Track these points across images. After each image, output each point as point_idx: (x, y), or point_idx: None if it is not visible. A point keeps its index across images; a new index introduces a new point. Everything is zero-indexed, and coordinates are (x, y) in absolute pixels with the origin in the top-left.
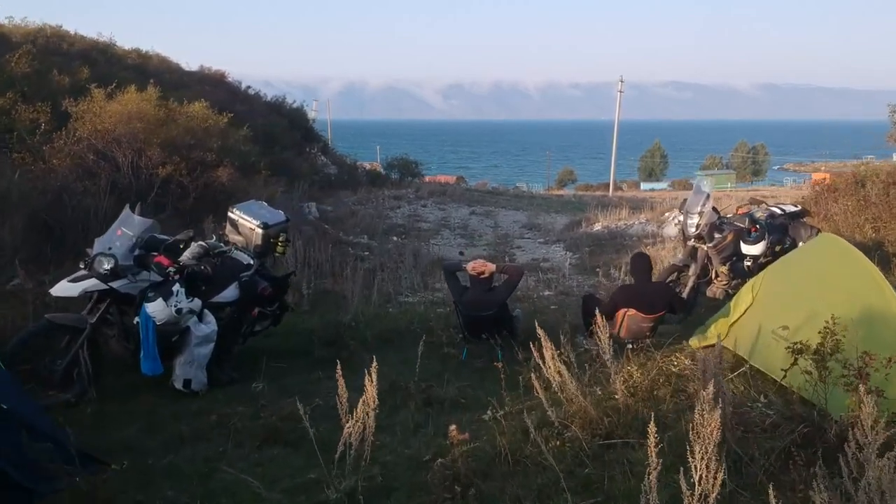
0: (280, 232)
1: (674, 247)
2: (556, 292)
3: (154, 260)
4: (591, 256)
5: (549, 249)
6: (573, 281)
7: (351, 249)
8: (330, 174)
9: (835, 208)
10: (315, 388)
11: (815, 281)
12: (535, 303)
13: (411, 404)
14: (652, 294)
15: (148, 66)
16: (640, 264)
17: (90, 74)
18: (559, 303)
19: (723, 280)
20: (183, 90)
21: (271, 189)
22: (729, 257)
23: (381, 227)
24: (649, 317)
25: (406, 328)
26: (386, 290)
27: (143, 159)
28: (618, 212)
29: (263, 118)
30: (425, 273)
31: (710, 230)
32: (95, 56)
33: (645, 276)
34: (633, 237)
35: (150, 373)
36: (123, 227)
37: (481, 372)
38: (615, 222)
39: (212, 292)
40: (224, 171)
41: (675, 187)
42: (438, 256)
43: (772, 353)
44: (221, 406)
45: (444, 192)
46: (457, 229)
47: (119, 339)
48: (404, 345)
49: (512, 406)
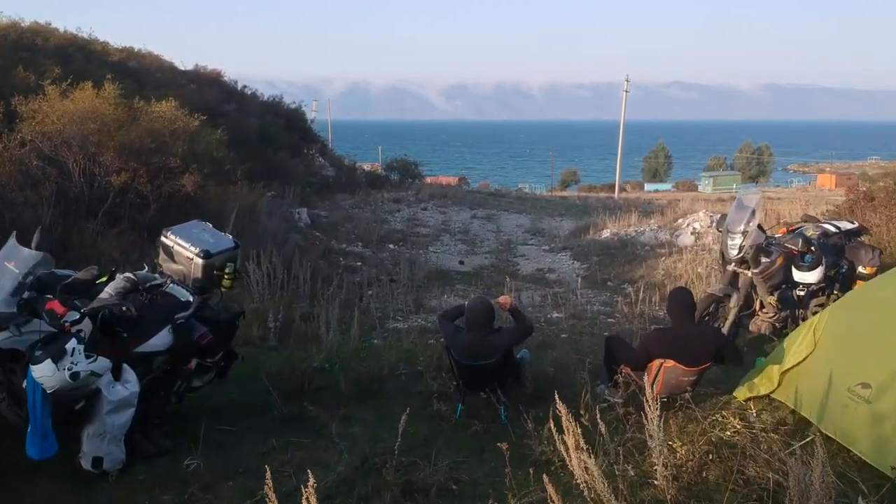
0: (227, 261)
1: (692, 258)
2: (567, 315)
3: (45, 306)
4: (600, 267)
5: (556, 258)
6: (583, 297)
7: (342, 259)
8: (328, 176)
9: (874, 219)
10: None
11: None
12: (544, 330)
13: (386, 495)
14: (696, 342)
15: (131, 63)
16: (680, 303)
17: (62, 72)
18: (570, 328)
19: (769, 312)
20: (166, 89)
21: (257, 195)
22: (777, 285)
23: (377, 234)
24: (691, 370)
25: (390, 372)
26: (373, 313)
27: (97, 165)
28: (627, 217)
29: (259, 118)
30: (421, 287)
31: (756, 253)
32: (72, 52)
33: (687, 319)
34: (645, 246)
35: (37, 456)
36: (6, 261)
37: (480, 439)
38: (624, 228)
39: (137, 340)
40: (189, 179)
41: (680, 188)
42: (437, 267)
43: (851, 419)
44: (140, 494)
45: (445, 195)
46: (457, 234)
47: (10, 405)
48: (386, 395)
49: (519, 500)
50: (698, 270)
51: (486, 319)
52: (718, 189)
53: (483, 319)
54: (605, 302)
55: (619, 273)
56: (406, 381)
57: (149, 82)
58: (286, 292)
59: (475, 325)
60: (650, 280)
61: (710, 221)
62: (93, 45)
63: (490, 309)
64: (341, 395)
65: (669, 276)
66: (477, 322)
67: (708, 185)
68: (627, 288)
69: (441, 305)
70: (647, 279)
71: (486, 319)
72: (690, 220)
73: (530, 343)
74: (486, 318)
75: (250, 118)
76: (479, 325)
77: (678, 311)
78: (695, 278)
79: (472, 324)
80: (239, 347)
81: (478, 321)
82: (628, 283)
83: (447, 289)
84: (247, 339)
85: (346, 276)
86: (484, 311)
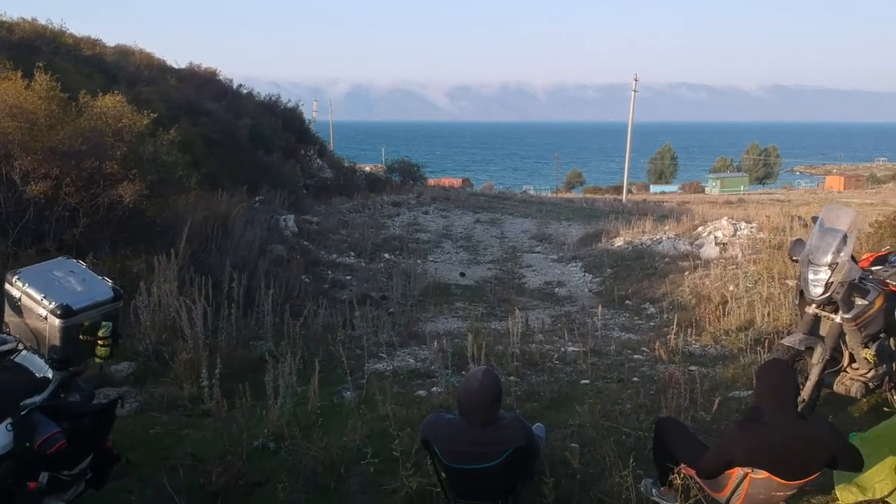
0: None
1: (721, 274)
2: (585, 348)
3: None
4: (615, 281)
5: (565, 269)
6: (599, 318)
7: (330, 273)
8: (325, 178)
9: None
10: None
11: None
12: (556, 374)
13: None
14: (804, 448)
15: (111, 59)
16: (779, 390)
17: (16, 64)
18: (592, 370)
19: (862, 368)
20: (143, 85)
21: (234, 202)
22: (875, 335)
23: (373, 242)
24: (791, 483)
25: (355, 456)
26: (355, 347)
27: (14, 171)
28: (641, 223)
29: (253, 118)
30: (416, 306)
31: (848, 292)
32: (39, 45)
33: (788, 413)
34: (664, 257)
35: None
36: None
37: None
38: (638, 236)
39: None
40: (129, 188)
41: (686, 190)
42: (435, 279)
43: None
44: None
45: (448, 197)
46: (459, 240)
47: None
48: (347, 496)
49: None
50: (730, 288)
51: (493, 401)
52: (725, 191)
53: (486, 403)
54: (625, 326)
55: (638, 289)
56: (375, 473)
57: (123, 78)
58: (246, 327)
59: (473, 411)
60: (675, 299)
61: (733, 230)
62: (63, 38)
63: (497, 387)
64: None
65: (697, 295)
66: (476, 407)
67: (715, 187)
68: (649, 308)
69: (436, 331)
70: (672, 298)
71: (491, 402)
72: (712, 229)
73: (542, 397)
74: (491, 399)
75: (242, 117)
76: (479, 412)
77: (776, 400)
78: (731, 299)
79: (469, 410)
80: (162, 413)
81: (478, 406)
82: (650, 303)
83: (445, 307)
84: (175, 401)
85: (332, 293)
86: (489, 392)
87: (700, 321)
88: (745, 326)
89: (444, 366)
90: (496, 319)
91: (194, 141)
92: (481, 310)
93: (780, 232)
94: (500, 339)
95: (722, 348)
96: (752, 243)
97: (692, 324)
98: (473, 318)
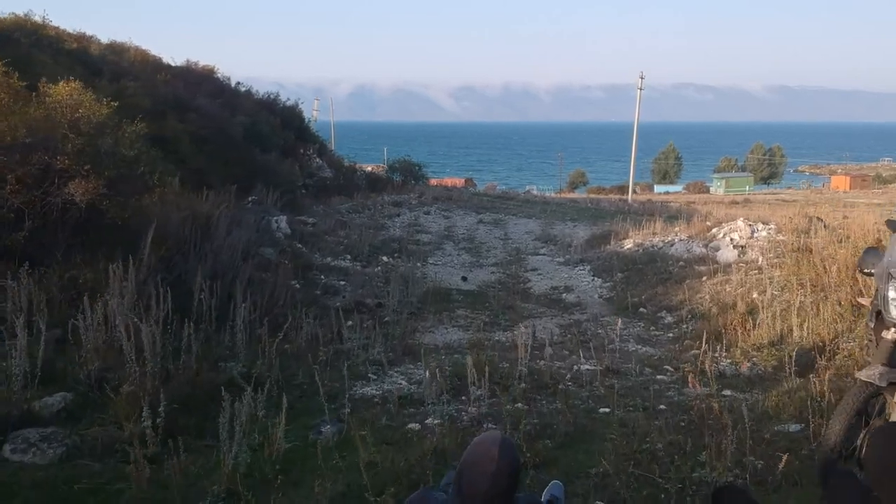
0: None
1: (742, 280)
2: (601, 367)
3: None
4: (627, 286)
5: (572, 273)
6: (614, 329)
7: (322, 277)
8: (325, 178)
9: None
10: None
11: None
12: (570, 399)
13: None
14: None
15: (97, 53)
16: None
17: None
18: (614, 399)
19: None
20: (126, 79)
21: (217, 202)
22: None
23: (371, 244)
24: None
25: None
26: (337, 363)
27: None
28: (650, 224)
29: (250, 116)
30: (414, 314)
31: None
32: (18, 37)
33: None
34: (678, 261)
35: None
36: None
37: None
38: (649, 238)
39: None
40: (81, 186)
41: (690, 190)
42: (435, 284)
43: None
44: None
45: (450, 197)
46: (461, 242)
47: None
48: None
49: None
50: (755, 296)
51: (508, 487)
52: (730, 191)
53: (501, 489)
54: (641, 338)
55: (652, 296)
56: None
57: (107, 72)
58: (219, 344)
59: (483, 499)
60: (694, 307)
61: (750, 231)
62: (44, 30)
63: (516, 466)
64: None
65: (718, 303)
66: (488, 496)
67: (720, 187)
68: (666, 317)
69: (435, 343)
70: (691, 305)
71: (506, 487)
72: (727, 230)
73: (556, 432)
74: (506, 485)
75: (238, 115)
76: (493, 495)
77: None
78: (761, 308)
79: (476, 496)
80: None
81: (490, 494)
82: (666, 311)
83: (445, 315)
84: (111, 445)
85: (323, 300)
86: (505, 474)
87: (725, 334)
88: (777, 341)
89: (440, 393)
90: (500, 329)
91: (181, 138)
92: (484, 318)
93: (803, 234)
94: (504, 353)
95: (754, 365)
96: (772, 246)
97: (716, 335)
98: (475, 329)
